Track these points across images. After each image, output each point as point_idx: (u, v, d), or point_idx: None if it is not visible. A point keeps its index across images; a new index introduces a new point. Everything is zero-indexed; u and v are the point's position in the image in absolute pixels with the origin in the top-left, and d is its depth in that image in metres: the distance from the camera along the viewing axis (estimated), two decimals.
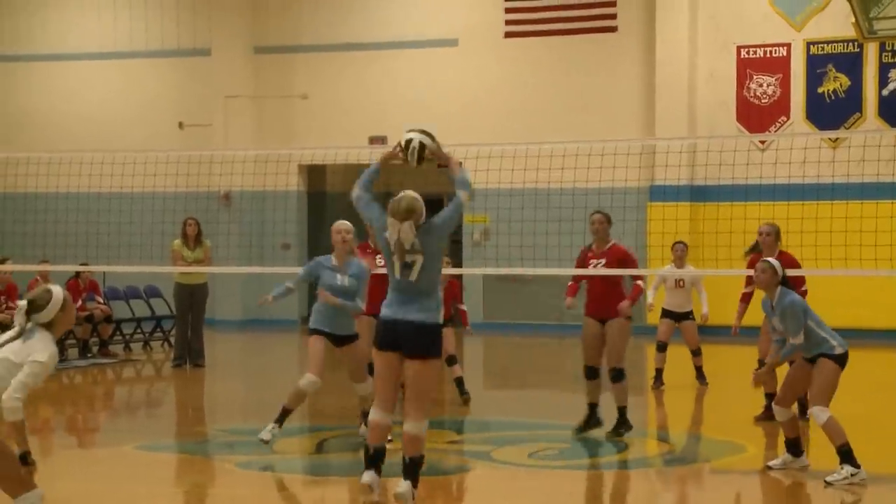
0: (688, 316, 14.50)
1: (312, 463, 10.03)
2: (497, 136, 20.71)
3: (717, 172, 20.44)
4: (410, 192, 7.74)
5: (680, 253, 14.66)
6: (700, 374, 14.41)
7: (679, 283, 14.57)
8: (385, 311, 7.67)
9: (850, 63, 21.07)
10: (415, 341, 7.51)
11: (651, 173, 21.31)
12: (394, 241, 7.60)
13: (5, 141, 23.84)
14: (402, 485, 7.50)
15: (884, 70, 20.93)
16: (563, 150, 18.24)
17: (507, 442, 10.74)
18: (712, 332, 18.91)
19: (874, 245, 16.37)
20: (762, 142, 20.86)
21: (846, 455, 8.81)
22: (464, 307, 13.17)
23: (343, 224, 10.14)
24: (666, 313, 14.54)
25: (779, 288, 9.19)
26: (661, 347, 14.15)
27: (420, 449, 7.58)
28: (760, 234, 11.75)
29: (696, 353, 14.41)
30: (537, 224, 19.03)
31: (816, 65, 21.30)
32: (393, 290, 7.70)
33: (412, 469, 7.54)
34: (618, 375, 10.59)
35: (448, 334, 12.21)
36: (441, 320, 7.64)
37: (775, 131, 21.41)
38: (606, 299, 10.60)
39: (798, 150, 19.50)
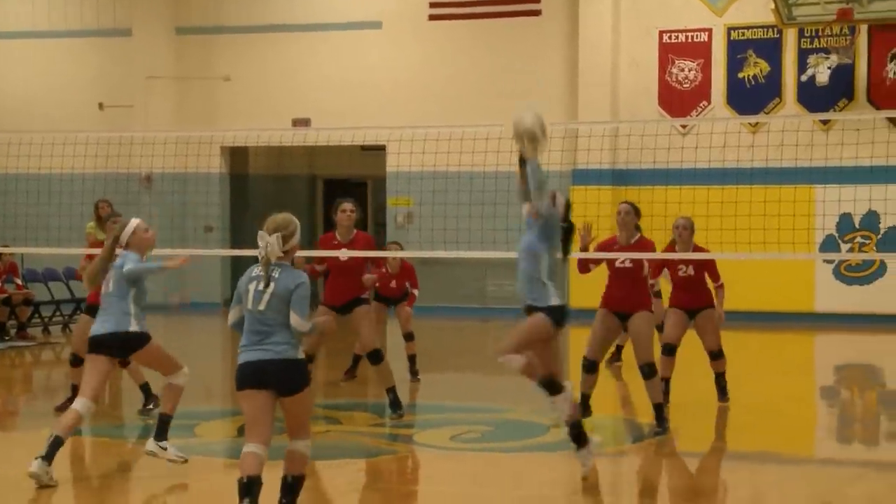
0: None
1: (234, 446, 9.96)
2: (421, 119, 20.69)
3: (638, 156, 20.63)
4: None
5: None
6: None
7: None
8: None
9: (770, 48, 21.30)
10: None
11: (574, 157, 21.39)
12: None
13: None
14: None
15: (803, 56, 21.17)
16: (486, 134, 18.20)
17: (429, 425, 10.73)
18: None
19: (792, 229, 16.60)
20: (683, 126, 21.03)
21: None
22: (415, 291, 13.54)
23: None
24: None
25: None
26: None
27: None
28: (676, 227, 11.27)
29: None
30: (460, 207, 19.04)
31: (737, 50, 21.50)
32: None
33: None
34: (650, 372, 10.05)
35: (405, 312, 13.37)
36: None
37: (696, 116, 21.59)
38: (630, 293, 10.13)
39: (718, 134, 19.70)
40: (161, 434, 8.76)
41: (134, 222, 8.89)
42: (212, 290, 23.39)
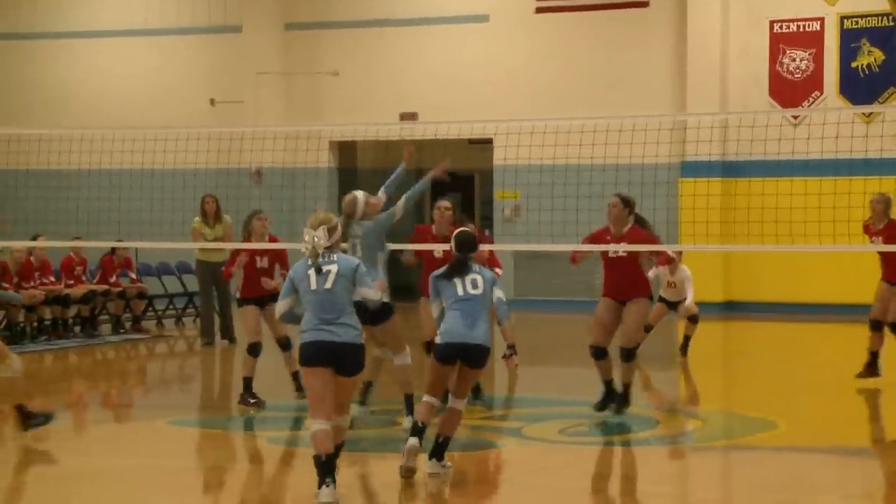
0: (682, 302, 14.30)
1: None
2: (528, 113, 20.57)
3: (748, 148, 20.26)
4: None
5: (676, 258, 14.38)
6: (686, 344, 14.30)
7: (670, 284, 14.42)
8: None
9: (885, 37, 20.80)
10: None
11: (682, 149, 21.13)
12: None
13: (39, 119, 23.88)
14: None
15: None
16: (593, 126, 18.06)
17: (537, 418, 10.68)
18: (741, 309, 18.78)
19: None
20: (795, 117, 20.66)
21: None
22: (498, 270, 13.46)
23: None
24: (661, 299, 14.38)
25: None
26: (647, 329, 13.96)
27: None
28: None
29: (693, 320, 14.26)
30: (567, 200, 18.89)
31: (850, 39, 21.04)
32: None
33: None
34: (628, 356, 10.40)
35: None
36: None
37: (808, 106, 21.20)
38: (626, 282, 10.42)
39: (831, 125, 19.28)
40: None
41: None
42: None
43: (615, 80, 22.02)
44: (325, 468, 7.26)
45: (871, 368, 12.14)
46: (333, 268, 7.49)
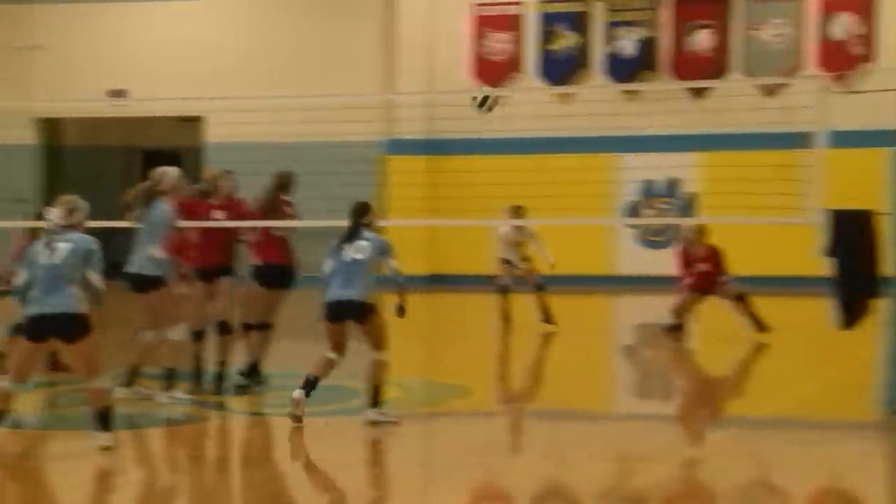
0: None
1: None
2: (241, 91, 20.34)
3: (453, 126, 20.66)
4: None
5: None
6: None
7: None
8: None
9: (579, 22, 21.54)
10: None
11: (390, 127, 21.36)
12: None
13: None
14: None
15: (609, 29, 21.44)
16: (305, 105, 18.12)
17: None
18: (445, 281, 19.13)
19: (597, 196, 16.91)
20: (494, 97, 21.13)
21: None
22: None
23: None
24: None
25: None
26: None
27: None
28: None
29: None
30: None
31: (547, 23, 21.67)
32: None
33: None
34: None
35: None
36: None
37: (509, 86, 21.71)
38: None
39: (530, 104, 19.91)
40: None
41: None
42: None
43: (327, 59, 22.03)
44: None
45: None
46: (65, 245, 7.83)
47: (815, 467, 7.70)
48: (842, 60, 20.07)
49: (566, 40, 21.57)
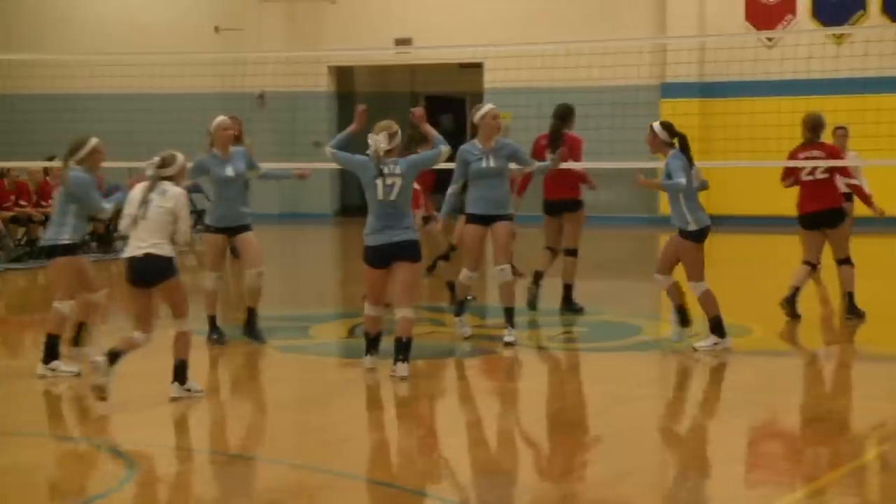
0: None
1: (346, 346, 10.15)
2: (517, 38, 20.57)
3: (726, 69, 20.22)
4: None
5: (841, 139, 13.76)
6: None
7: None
8: (375, 237, 8.31)
9: None
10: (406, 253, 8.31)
11: (663, 70, 21.10)
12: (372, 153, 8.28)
13: (46, 44, 23.68)
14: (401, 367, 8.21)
15: None
16: (578, 50, 18.12)
17: (528, 326, 10.78)
18: (718, 223, 18.85)
19: (876, 136, 16.27)
20: (769, 39, 20.59)
21: (716, 325, 9.17)
22: None
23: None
24: None
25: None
26: None
27: (410, 331, 8.25)
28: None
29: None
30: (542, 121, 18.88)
31: None
32: (375, 214, 8.33)
33: (405, 347, 8.22)
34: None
35: None
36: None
37: (782, 29, 21.11)
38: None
39: (804, 46, 19.27)
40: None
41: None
42: (321, 202, 23.64)
43: (601, 4, 21.92)
44: (373, 344, 8.50)
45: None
46: (398, 182, 8.24)
47: None
48: None
49: None
